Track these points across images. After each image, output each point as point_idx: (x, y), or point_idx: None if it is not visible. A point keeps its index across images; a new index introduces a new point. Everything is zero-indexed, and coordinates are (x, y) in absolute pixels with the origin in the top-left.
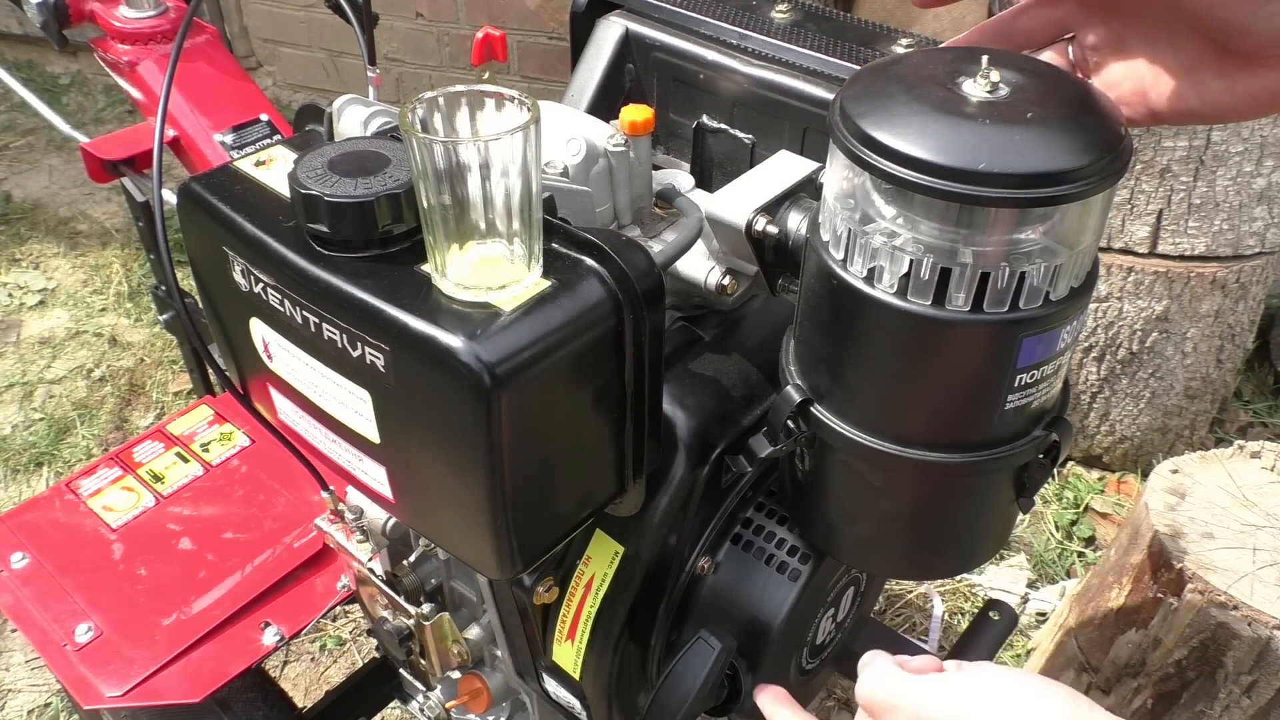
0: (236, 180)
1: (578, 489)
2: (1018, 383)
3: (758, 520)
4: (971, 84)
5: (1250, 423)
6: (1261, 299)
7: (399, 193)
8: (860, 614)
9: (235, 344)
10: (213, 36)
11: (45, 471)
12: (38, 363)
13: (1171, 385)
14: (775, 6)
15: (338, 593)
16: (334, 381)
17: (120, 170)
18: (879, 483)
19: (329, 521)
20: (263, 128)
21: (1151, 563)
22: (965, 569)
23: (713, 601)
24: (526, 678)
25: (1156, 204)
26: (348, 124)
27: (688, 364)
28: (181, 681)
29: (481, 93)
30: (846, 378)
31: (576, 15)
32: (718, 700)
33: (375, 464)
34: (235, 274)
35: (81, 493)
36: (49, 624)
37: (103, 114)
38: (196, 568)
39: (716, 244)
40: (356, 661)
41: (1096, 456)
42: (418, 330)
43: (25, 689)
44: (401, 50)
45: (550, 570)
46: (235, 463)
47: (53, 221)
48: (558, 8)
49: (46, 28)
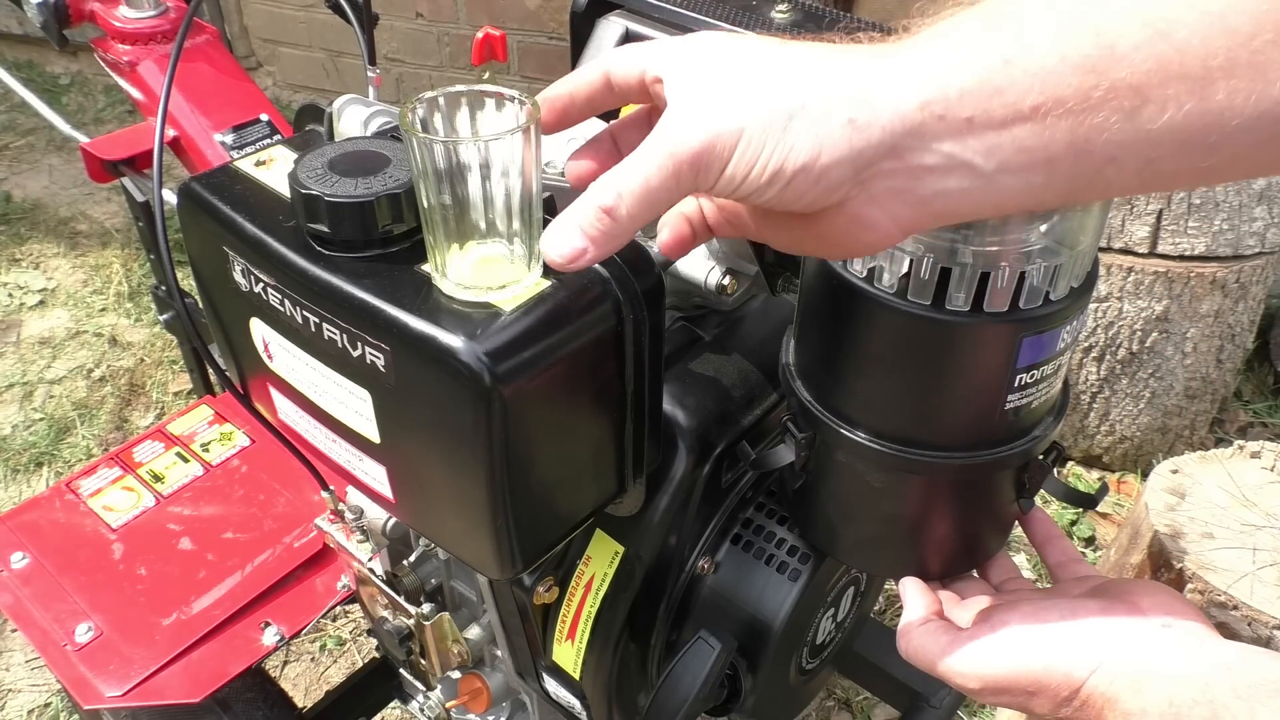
0: (236, 180)
1: (578, 489)
2: (1018, 383)
3: (758, 520)
4: None
5: (1250, 423)
6: (1261, 299)
7: (399, 193)
8: (860, 614)
9: (235, 344)
10: (213, 36)
11: (45, 471)
12: (38, 363)
13: (1171, 385)
14: (775, 6)
15: (338, 593)
16: (334, 381)
17: (120, 170)
18: (879, 483)
19: (329, 521)
20: (263, 128)
21: (1151, 563)
22: (965, 569)
23: (713, 601)
24: (526, 678)
25: (1156, 204)
26: (348, 124)
27: (688, 364)
28: (181, 681)
29: (482, 92)
30: (846, 378)
31: (576, 15)
32: (718, 700)
33: (375, 464)
34: (235, 274)
35: (81, 493)
36: (49, 624)
37: (103, 114)
38: (196, 568)
39: (716, 244)
40: (356, 661)
41: (1096, 456)
42: (418, 330)
43: (25, 689)
44: (401, 50)
45: (550, 570)
46: (235, 463)
47: (53, 221)
48: (558, 8)
49: (46, 28)
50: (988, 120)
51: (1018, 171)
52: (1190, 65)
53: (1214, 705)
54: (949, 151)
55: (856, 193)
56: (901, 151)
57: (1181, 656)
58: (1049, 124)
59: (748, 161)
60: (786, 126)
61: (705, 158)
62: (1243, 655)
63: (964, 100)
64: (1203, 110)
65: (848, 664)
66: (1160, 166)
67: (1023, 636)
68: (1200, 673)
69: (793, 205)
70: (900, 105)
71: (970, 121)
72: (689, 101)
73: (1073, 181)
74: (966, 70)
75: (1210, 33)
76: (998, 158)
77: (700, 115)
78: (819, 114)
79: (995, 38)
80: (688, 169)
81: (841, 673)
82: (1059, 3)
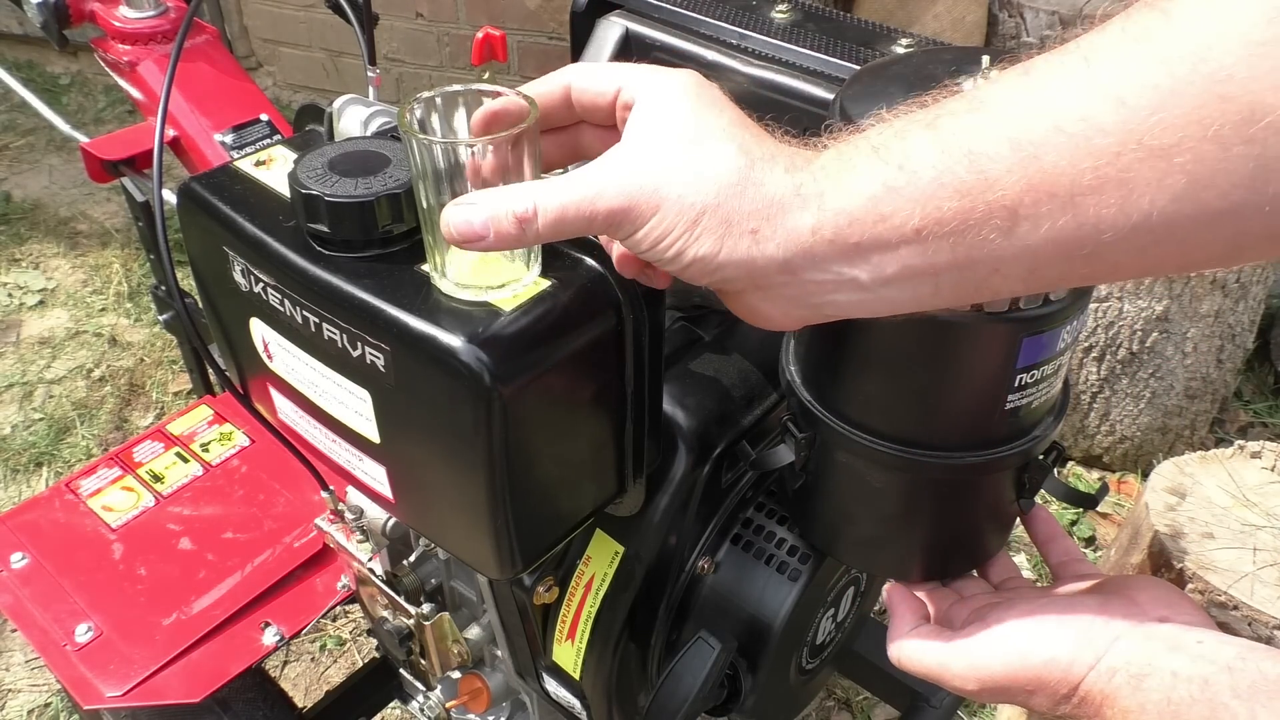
0: (236, 180)
1: (578, 489)
2: (1018, 383)
3: (758, 520)
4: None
5: (1250, 423)
6: (1261, 299)
7: (399, 193)
8: (860, 614)
9: (235, 344)
10: (213, 36)
11: (45, 471)
12: (38, 363)
13: (1171, 385)
14: (775, 6)
15: (338, 593)
16: (334, 381)
17: (120, 170)
18: (879, 483)
19: (329, 521)
20: (263, 128)
21: (1152, 563)
22: (965, 569)
23: (713, 601)
24: (526, 678)
25: None
26: (348, 124)
27: (688, 364)
28: (181, 681)
29: (479, 92)
30: (846, 378)
31: (576, 15)
32: (718, 700)
33: (375, 464)
34: (235, 274)
35: (81, 493)
36: (49, 624)
37: (103, 114)
38: (196, 568)
39: None
40: (356, 661)
41: (1096, 456)
42: (418, 330)
43: (25, 689)
44: (401, 50)
45: (550, 570)
46: (235, 463)
47: (53, 221)
48: (558, 8)
49: (47, 28)
50: (874, 243)
51: (904, 284)
52: (1059, 185)
53: (1213, 704)
54: (837, 270)
55: (751, 291)
56: (794, 268)
57: (1181, 654)
58: (932, 244)
59: (656, 236)
60: (697, 220)
61: (621, 217)
62: (1242, 653)
63: (852, 226)
64: (1077, 224)
65: (848, 664)
66: (1044, 273)
67: (1020, 635)
68: (1199, 671)
69: (692, 281)
70: (796, 228)
71: (858, 246)
72: (634, 150)
73: (959, 289)
74: (856, 196)
75: (1076, 154)
76: (883, 275)
77: (633, 171)
78: (726, 218)
79: (881, 166)
80: (602, 219)
81: (841, 673)
82: (940, 128)
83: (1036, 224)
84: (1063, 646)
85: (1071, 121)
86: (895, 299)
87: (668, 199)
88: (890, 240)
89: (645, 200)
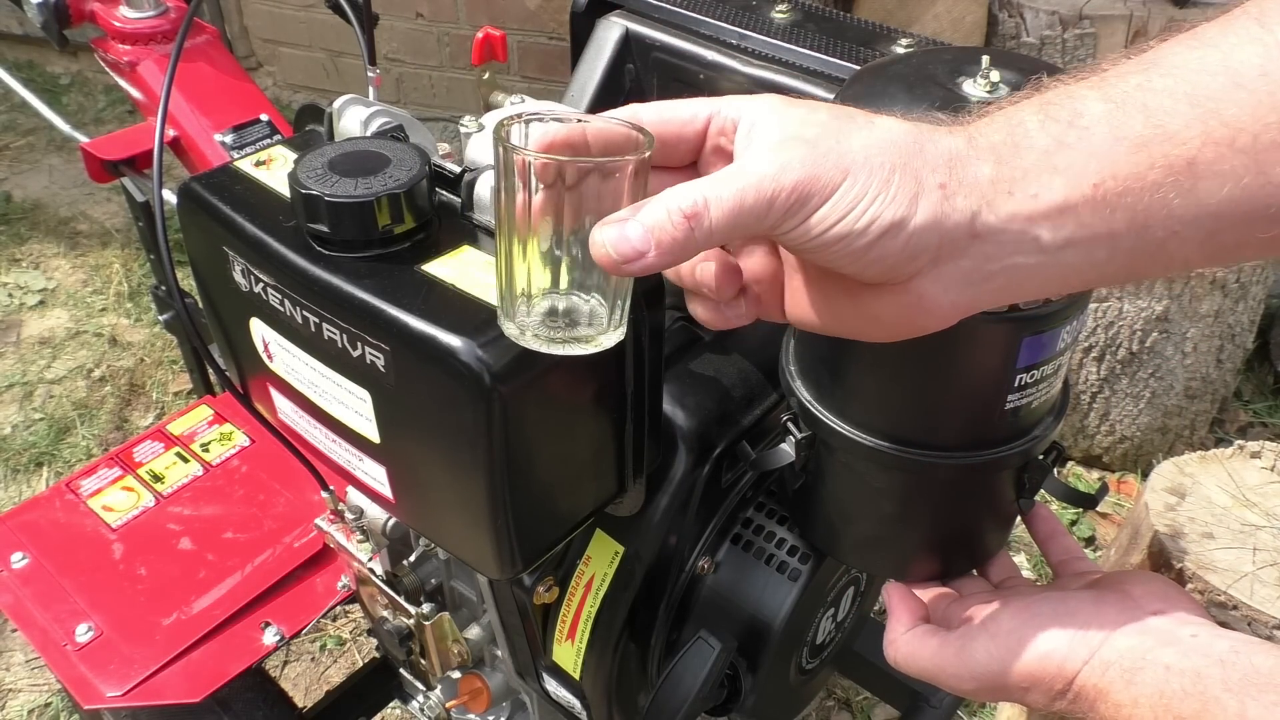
0: (236, 180)
1: (578, 489)
2: (1018, 383)
3: (758, 520)
4: (971, 84)
5: (1250, 423)
6: (1261, 299)
7: (399, 193)
8: (860, 614)
9: (235, 344)
10: (213, 36)
11: (45, 471)
12: (38, 363)
13: (1171, 385)
14: (775, 6)
15: (338, 593)
16: (334, 381)
17: (120, 170)
18: (879, 483)
19: (329, 521)
20: (263, 128)
21: (1151, 563)
22: (965, 569)
23: (713, 601)
24: (526, 677)
25: None
26: (348, 124)
27: (688, 364)
28: (181, 681)
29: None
30: (846, 378)
31: (576, 15)
32: (718, 700)
33: (375, 464)
34: (235, 274)
35: (81, 493)
36: (49, 624)
37: (103, 114)
38: (196, 568)
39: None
40: (356, 661)
41: (1096, 456)
42: (418, 330)
43: (25, 689)
44: (401, 50)
45: (550, 570)
46: (235, 463)
47: (53, 221)
48: (558, 8)
49: (47, 28)
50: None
51: (1081, 246)
52: (1241, 139)
53: (1204, 698)
54: (1019, 228)
55: (928, 269)
56: (978, 230)
57: (1174, 647)
58: (1109, 201)
59: (846, 204)
60: (889, 179)
61: (807, 189)
62: (1235, 646)
63: (1028, 178)
64: (1261, 183)
65: (848, 664)
66: (1223, 239)
67: (1015, 632)
68: (1192, 665)
69: (865, 268)
70: (978, 179)
71: (1035, 198)
72: (780, 140)
73: (1135, 257)
74: (1029, 151)
75: (1259, 109)
76: (1063, 233)
77: (801, 152)
78: (916, 174)
79: (1051, 123)
80: (784, 198)
81: (841, 673)
82: (1110, 86)
83: (1219, 182)
84: (1057, 642)
85: (1252, 78)
86: (1070, 265)
87: (855, 162)
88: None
89: (832, 167)
